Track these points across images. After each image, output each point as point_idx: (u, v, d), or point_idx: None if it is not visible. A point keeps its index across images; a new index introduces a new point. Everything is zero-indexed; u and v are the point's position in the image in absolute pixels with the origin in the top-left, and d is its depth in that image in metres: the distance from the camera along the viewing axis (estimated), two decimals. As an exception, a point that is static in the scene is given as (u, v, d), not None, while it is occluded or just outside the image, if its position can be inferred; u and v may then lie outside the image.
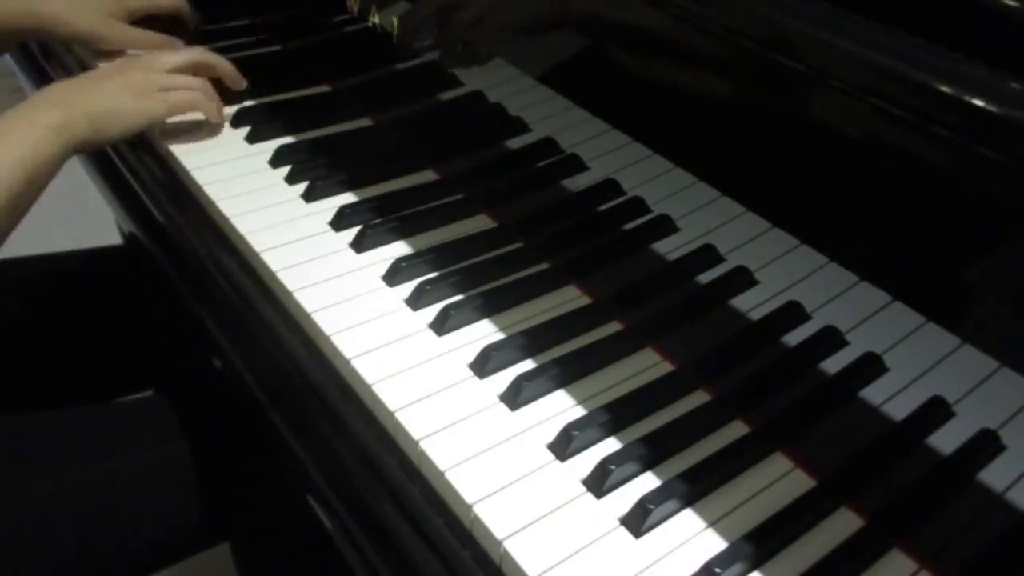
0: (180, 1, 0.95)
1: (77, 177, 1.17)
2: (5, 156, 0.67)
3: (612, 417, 0.56)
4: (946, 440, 0.53)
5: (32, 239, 0.63)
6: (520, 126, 0.81)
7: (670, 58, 0.64)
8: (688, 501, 0.52)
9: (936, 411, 0.54)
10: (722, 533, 0.51)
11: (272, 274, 0.67)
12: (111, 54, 0.90)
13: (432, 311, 0.63)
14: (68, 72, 0.98)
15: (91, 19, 0.88)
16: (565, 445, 0.54)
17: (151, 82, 0.78)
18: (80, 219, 0.66)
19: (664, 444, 0.55)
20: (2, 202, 0.66)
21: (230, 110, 0.86)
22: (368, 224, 0.71)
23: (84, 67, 0.97)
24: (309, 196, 0.75)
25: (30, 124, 0.69)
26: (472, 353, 0.60)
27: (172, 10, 0.95)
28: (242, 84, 0.86)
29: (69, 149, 0.71)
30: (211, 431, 0.80)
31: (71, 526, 0.72)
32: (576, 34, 0.72)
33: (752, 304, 0.64)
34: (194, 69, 0.82)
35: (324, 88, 0.93)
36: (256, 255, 0.69)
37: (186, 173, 0.78)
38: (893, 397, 0.56)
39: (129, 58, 0.84)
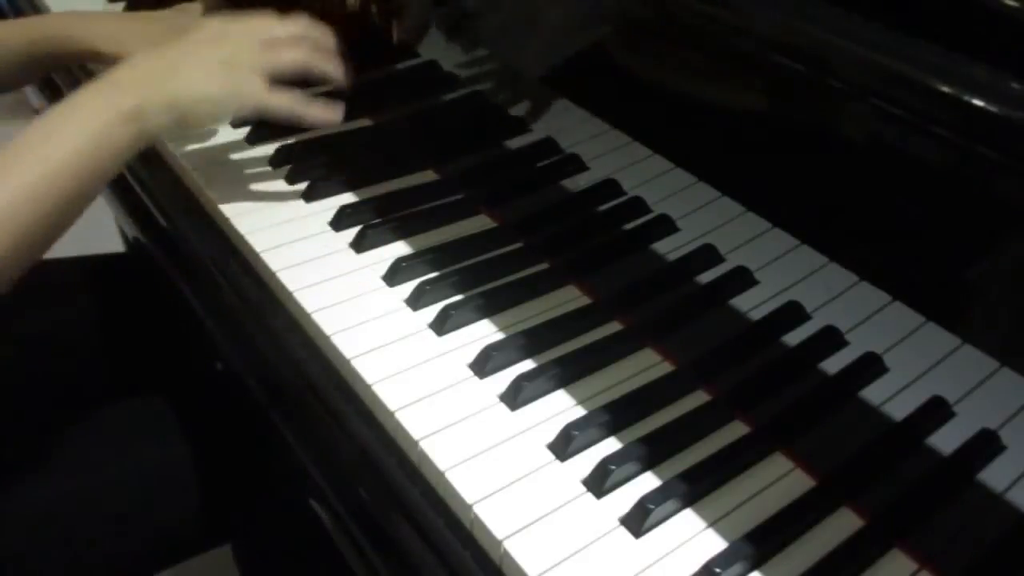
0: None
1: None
2: (59, 147, 0.57)
3: (612, 417, 0.56)
4: (946, 440, 0.53)
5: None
6: (520, 126, 0.81)
7: (670, 58, 0.64)
8: (688, 501, 0.52)
9: (936, 411, 0.54)
10: (722, 533, 0.51)
11: (272, 274, 0.67)
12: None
13: (432, 311, 0.63)
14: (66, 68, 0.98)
15: (136, 45, 0.77)
16: (565, 445, 0.54)
17: (251, 61, 0.66)
18: (82, 225, 0.64)
19: (664, 444, 0.55)
20: (52, 201, 0.57)
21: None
22: (368, 224, 0.71)
23: (87, 71, 0.97)
24: (309, 196, 0.75)
25: (95, 109, 0.60)
26: (472, 353, 0.60)
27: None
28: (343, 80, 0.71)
29: (141, 140, 0.61)
30: (212, 432, 0.80)
31: (73, 527, 0.72)
32: (576, 35, 0.72)
33: (752, 304, 0.64)
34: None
35: (324, 88, 0.93)
36: (256, 255, 0.69)
37: (187, 174, 0.78)
38: (893, 397, 0.56)
39: (223, 25, 0.68)
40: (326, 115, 0.69)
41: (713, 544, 0.50)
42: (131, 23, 0.84)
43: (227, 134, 0.83)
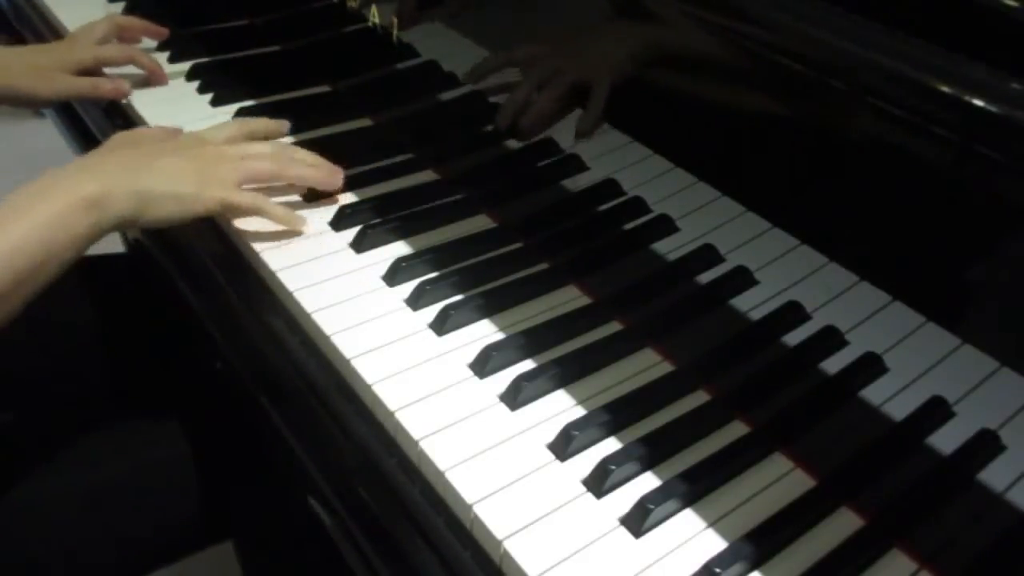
0: (135, 52, 0.91)
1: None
2: (20, 228, 0.57)
3: (612, 417, 0.56)
4: (946, 440, 0.53)
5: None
6: (520, 126, 0.81)
7: (670, 58, 0.64)
8: (688, 501, 0.52)
9: (936, 411, 0.54)
10: (722, 533, 0.51)
11: (272, 274, 0.67)
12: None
13: (432, 311, 0.63)
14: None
15: (25, 73, 0.82)
16: (565, 445, 0.54)
17: (224, 172, 0.68)
18: None
19: (664, 444, 0.55)
20: (9, 281, 0.56)
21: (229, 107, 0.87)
22: (368, 224, 0.71)
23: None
24: (309, 196, 0.75)
25: (60, 193, 0.60)
26: (472, 353, 0.60)
27: (126, 61, 0.90)
28: (338, 180, 0.74)
29: (102, 228, 0.61)
30: (212, 431, 0.80)
31: (74, 525, 0.72)
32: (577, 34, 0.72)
33: (752, 304, 0.64)
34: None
35: (324, 88, 0.94)
36: (256, 255, 0.69)
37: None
38: (893, 397, 0.56)
39: (202, 136, 0.73)
40: (289, 220, 0.70)
41: (713, 544, 0.50)
42: (20, 55, 0.85)
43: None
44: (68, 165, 0.64)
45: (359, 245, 0.70)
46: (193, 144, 0.70)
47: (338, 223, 0.72)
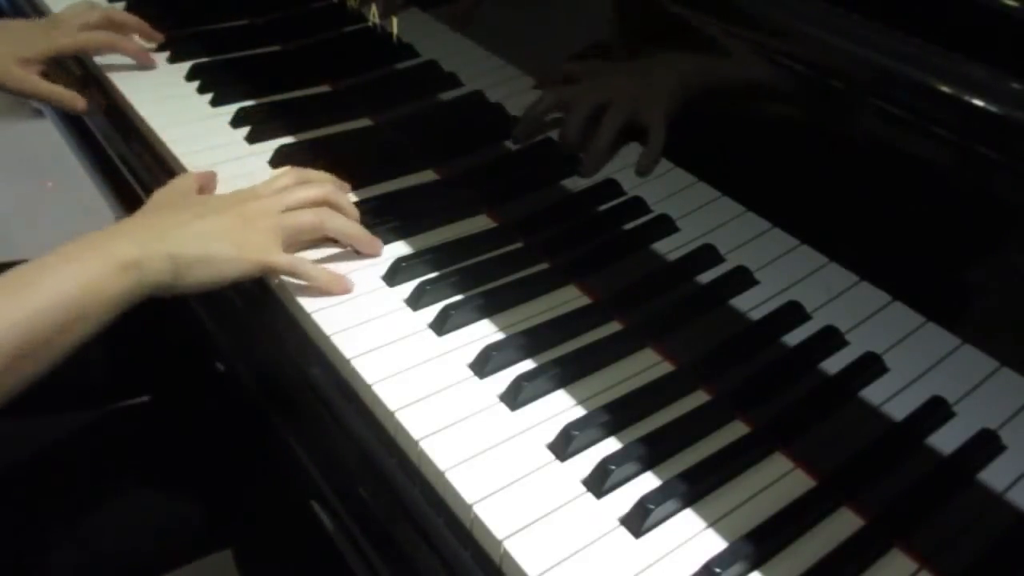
0: (116, 39, 0.90)
1: (80, 182, 1.17)
2: (51, 289, 0.56)
3: (612, 417, 0.56)
4: (946, 440, 0.53)
5: (33, 246, 0.61)
6: (520, 126, 0.81)
7: (670, 58, 0.64)
8: (688, 501, 0.52)
9: (936, 411, 0.54)
10: (722, 533, 0.51)
11: (272, 274, 0.67)
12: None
13: (432, 311, 0.63)
14: (67, 72, 0.98)
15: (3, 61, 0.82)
16: (565, 445, 0.54)
17: (264, 230, 0.64)
18: (82, 227, 0.63)
19: (664, 444, 0.55)
20: (30, 343, 0.55)
21: (228, 109, 0.87)
22: (368, 224, 0.71)
23: (85, 66, 0.97)
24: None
25: (95, 255, 0.58)
26: (472, 353, 0.60)
27: (108, 49, 0.90)
28: (377, 250, 0.70)
29: (137, 293, 0.59)
30: (213, 434, 0.80)
31: (70, 532, 0.72)
32: (576, 34, 0.72)
33: (752, 304, 0.64)
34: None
35: (324, 88, 0.94)
36: (256, 255, 0.69)
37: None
38: (893, 397, 0.56)
39: (246, 193, 0.68)
40: (330, 283, 0.65)
41: (713, 544, 0.50)
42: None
43: (227, 135, 0.83)
44: (107, 228, 0.62)
45: (359, 245, 0.70)
46: (238, 200, 0.67)
47: (338, 223, 0.72)
